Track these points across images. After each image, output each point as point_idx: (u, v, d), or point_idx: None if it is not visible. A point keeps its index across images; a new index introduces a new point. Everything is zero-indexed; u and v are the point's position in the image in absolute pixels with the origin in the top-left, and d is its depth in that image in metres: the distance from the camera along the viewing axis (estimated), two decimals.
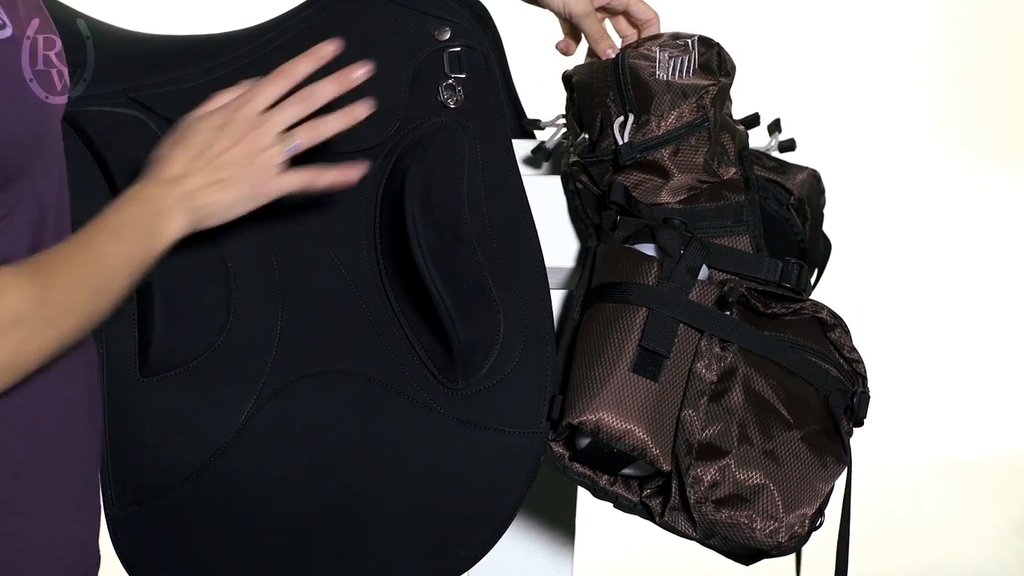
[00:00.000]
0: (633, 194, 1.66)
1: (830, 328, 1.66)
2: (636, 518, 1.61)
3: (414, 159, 1.63)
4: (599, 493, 1.60)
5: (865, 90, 4.33)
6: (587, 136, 1.69)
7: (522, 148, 1.76)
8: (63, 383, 1.43)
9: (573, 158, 1.69)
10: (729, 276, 1.63)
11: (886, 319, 4.04)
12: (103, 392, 1.57)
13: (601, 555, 3.40)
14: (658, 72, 1.69)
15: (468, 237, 1.63)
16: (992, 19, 4.36)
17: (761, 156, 1.73)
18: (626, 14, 1.82)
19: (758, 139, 1.75)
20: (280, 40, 1.70)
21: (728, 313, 1.59)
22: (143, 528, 1.58)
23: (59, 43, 1.32)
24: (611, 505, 1.61)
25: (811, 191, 1.74)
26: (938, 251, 4.26)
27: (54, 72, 1.31)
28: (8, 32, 1.27)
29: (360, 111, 1.53)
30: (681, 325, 1.57)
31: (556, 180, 1.72)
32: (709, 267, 1.63)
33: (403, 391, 1.60)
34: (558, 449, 1.60)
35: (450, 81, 1.69)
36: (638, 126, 1.66)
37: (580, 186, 1.69)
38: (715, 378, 1.57)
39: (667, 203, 1.66)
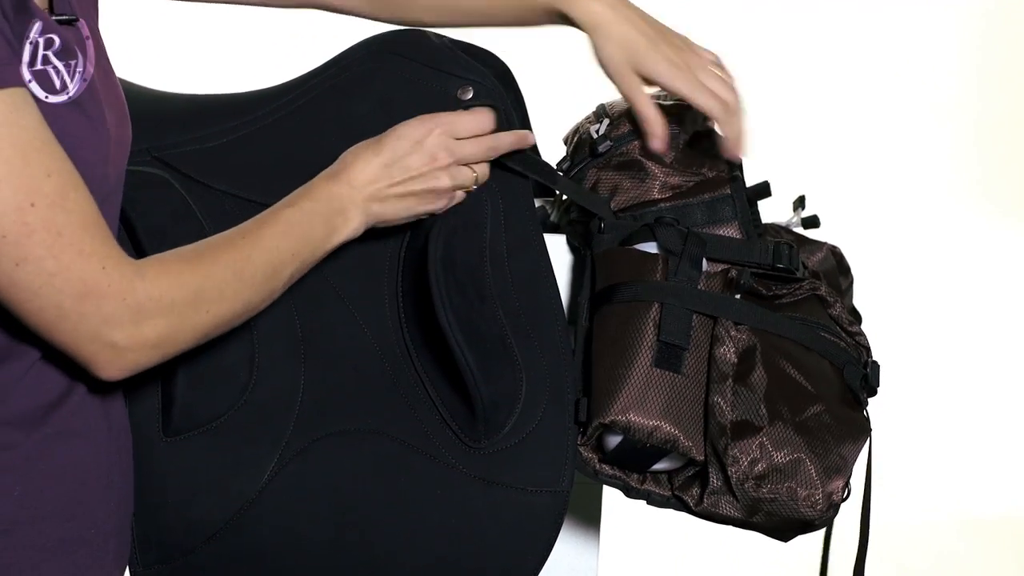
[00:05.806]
0: (619, 197, 1.69)
1: (830, 305, 1.69)
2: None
3: (436, 217, 1.64)
4: (631, 493, 1.61)
5: (886, 145, 4.33)
6: (566, 155, 1.75)
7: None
8: (73, 445, 1.43)
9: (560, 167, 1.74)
10: (727, 265, 1.65)
11: (908, 375, 4.03)
12: None
13: None
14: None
15: (490, 295, 1.63)
16: (1014, 72, 4.36)
17: (781, 231, 1.75)
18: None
19: (778, 212, 1.76)
20: (303, 99, 1.70)
21: (738, 297, 1.61)
22: None
23: (59, 42, 1.33)
24: (644, 503, 1.62)
25: (830, 269, 1.76)
26: (959, 307, 4.25)
27: (51, 69, 1.32)
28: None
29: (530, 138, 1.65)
30: (695, 315, 1.60)
31: None
32: (707, 259, 1.66)
33: (425, 450, 1.60)
34: (587, 453, 1.61)
35: None
36: (612, 127, 1.72)
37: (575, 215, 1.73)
38: (736, 360, 1.59)
39: (655, 199, 1.69)
